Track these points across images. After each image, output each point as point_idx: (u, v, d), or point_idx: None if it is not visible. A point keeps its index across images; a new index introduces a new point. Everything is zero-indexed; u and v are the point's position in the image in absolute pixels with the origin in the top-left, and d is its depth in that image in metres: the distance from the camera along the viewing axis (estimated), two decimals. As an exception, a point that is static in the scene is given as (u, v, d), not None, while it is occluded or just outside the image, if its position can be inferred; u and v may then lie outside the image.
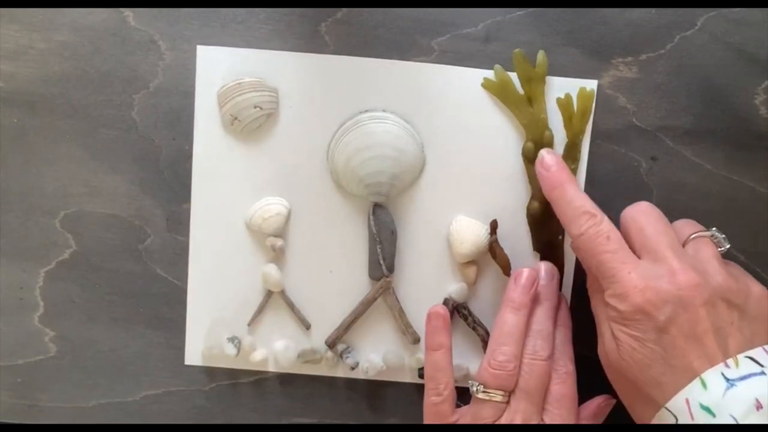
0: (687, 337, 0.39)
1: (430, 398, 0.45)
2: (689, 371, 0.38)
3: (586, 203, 0.42)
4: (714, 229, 0.43)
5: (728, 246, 0.43)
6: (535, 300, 0.45)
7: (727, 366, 0.38)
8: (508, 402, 0.43)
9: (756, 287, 0.41)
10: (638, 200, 0.47)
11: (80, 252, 0.48)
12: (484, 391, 0.43)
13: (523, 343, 0.44)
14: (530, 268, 0.45)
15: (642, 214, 0.42)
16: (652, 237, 0.41)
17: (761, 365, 0.38)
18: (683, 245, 0.42)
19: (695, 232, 0.43)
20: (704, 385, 0.38)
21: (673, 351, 0.39)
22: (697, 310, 0.39)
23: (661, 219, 0.42)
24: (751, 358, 0.38)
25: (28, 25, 0.46)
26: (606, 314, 0.42)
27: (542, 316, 0.44)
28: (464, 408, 0.45)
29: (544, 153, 0.45)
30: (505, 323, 0.44)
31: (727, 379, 0.37)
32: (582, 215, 0.42)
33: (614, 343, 0.41)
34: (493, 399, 0.43)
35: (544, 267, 0.46)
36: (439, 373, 0.45)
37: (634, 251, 0.41)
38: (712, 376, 0.38)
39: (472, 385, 0.44)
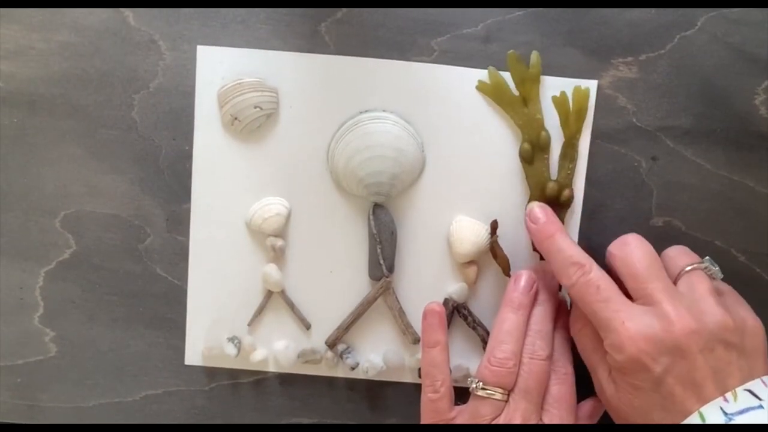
0: (685, 385, 0.38)
1: (427, 395, 0.45)
2: (688, 415, 0.38)
3: (574, 253, 0.42)
4: (707, 258, 0.43)
5: (722, 276, 0.43)
6: (534, 301, 0.45)
7: (725, 400, 0.38)
8: (507, 401, 0.43)
9: (750, 320, 0.41)
10: (638, 200, 0.47)
11: (80, 252, 0.48)
12: (483, 388, 0.43)
13: (523, 343, 0.44)
14: (530, 270, 0.45)
15: (632, 257, 0.42)
16: (645, 282, 0.41)
17: (759, 398, 0.38)
18: (676, 279, 0.42)
19: (688, 264, 0.42)
20: (703, 419, 0.38)
21: (672, 398, 0.39)
22: (695, 357, 0.38)
23: (653, 259, 0.42)
24: (750, 391, 0.38)
25: (28, 25, 0.46)
26: (603, 358, 0.42)
27: (541, 317, 0.44)
28: (462, 406, 0.45)
29: (533, 206, 0.45)
30: (505, 322, 0.44)
31: (726, 413, 0.37)
32: (571, 266, 0.42)
33: (613, 386, 0.41)
34: (493, 397, 0.43)
35: (544, 268, 0.46)
36: (436, 369, 0.45)
37: (626, 292, 0.41)
38: (711, 410, 0.38)
39: (471, 382, 0.43)
